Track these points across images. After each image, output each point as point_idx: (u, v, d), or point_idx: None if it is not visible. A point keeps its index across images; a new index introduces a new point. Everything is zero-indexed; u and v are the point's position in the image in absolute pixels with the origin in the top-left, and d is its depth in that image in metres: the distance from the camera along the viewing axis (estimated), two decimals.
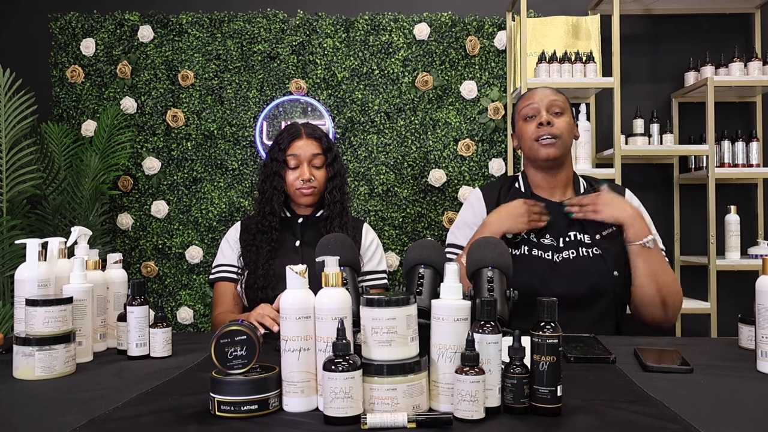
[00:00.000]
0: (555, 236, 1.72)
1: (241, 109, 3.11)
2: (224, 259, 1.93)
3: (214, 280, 1.92)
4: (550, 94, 1.77)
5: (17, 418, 0.98)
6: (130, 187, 3.14)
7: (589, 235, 1.71)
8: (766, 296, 1.18)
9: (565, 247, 1.70)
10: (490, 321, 0.96)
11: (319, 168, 1.90)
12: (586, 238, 1.71)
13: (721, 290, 2.82)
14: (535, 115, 1.75)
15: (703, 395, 1.06)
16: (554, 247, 1.71)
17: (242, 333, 0.98)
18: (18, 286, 1.31)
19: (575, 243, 1.70)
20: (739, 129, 3.02)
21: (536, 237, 1.72)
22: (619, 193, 1.80)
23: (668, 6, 3.09)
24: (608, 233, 1.70)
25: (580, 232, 1.72)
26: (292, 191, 1.89)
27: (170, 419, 0.95)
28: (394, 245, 3.09)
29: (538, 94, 1.77)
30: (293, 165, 1.88)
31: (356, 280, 1.29)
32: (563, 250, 1.70)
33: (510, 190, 1.84)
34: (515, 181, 1.86)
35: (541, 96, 1.76)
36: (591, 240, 1.70)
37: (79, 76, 3.14)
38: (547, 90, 1.79)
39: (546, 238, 1.72)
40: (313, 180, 1.86)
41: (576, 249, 1.70)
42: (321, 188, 1.90)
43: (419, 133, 3.09)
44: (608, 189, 1.78)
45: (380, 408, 0.92)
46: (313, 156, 1.88)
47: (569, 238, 1.71)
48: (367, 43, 3.09)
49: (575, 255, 1.69)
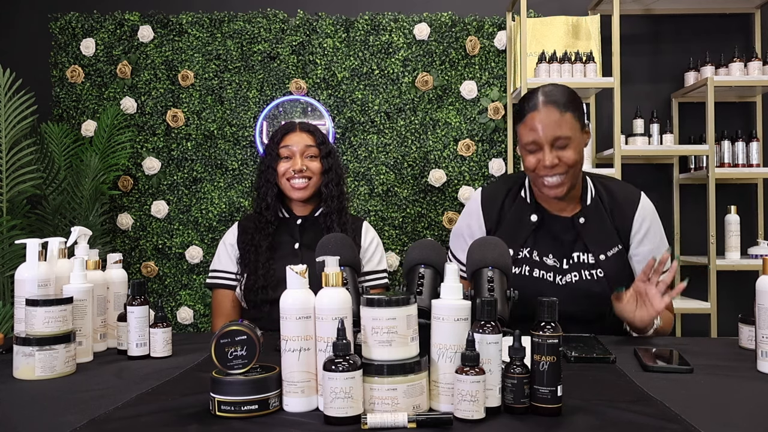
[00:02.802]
0: (559, 256, 1.62)
1: (241, 109, 3.11)
2: (221, 265, 1.92)
3: (211, 285, 1.92)
4: (554, 124, 1.52)
5: (17, 418, 0.98)
6: (130, 187, 3.14)
7: (593, 255, 1.60)
8: (766, 296, 1.18)
9: (569, 269, 1.60)
10: (491, 321, 0.96)
11: (312, 160, 1.88)
12: (590, 258, 1.61)
13: (721, 290, 2.82)
14: (536, 150, 1.55)
15: (703, 395, 1.06)
16: (557, 269, 1.61)
17: (242, 333, 0.98)
18: (18, 286, 1.31)
19: (578, 265, 1.61)
20: (739, 129, 3.02)
21: (539, 255, 1.62)
22: (633, 197, 1.65)
23: (668, 6, 3.09)
24: (613, 253, 1.61)
25: (584, 252, 1.61)
26: (284, 183, 1.87)
27: (170, 419, 0.95)
28: (394, 245, 3.09)
29: (541, 124, 1.53)
30: (286, 156, 1.87)
31: (356, 280, 1.29)
32: (567, 273, 1.60)
33: (515, 201, 1.69)
34: (521, 188, 1.70)
35: (545, 127, 1.52)
36: (595, 260, 1.60)
37: (79, 76, 3.14)
38: (553, 113, 1.53)
39: (549, 258, 1.62)
40: (305, 170, 1.85)
41: (579, 272, 1.60)
42: (316, 182, 1.88)
43: (419, 133, 3.09)
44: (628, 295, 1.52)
45: (380, 408, 0.92)
46: (306, 147, 1.87)
47: (573, 260, 1.61)
48: (367, 43, 3.09)
49: (578, 278, 1.60)
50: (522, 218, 1.66)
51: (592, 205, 1.64)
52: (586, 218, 1.62)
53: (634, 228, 1.63)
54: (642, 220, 1.63)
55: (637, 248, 1.63)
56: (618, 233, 1.63)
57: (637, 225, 1.63)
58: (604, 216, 1.62)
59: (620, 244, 1.62)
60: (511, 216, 1.67)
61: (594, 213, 1.63)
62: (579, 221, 1.62)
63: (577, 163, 1.56)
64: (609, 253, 1.60)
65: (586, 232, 1.61)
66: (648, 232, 1.63)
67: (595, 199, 1.65)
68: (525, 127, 1.56)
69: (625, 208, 1.64)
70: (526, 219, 1.65)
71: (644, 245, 1.63)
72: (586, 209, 1.64)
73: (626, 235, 1.63)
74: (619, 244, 1.62)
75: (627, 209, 1.64)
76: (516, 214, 1.67)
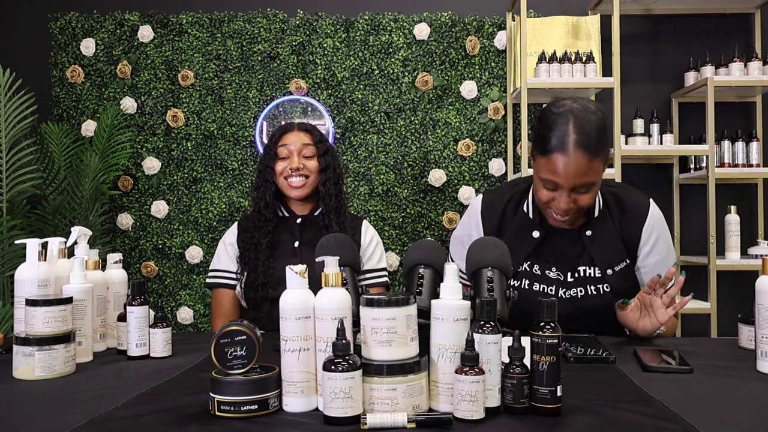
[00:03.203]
0: (563, 270, 1.56)
1: (241, 109, 3.11)
2: (220, 264, 1.92)
3: (211, 285, 1.92)
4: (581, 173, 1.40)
5: (17, 418, 0.98)
6: (130, 187, 3.14)
7: (600, 269, 1.55)
8: (766, 296, 1.18)
9: (574, 282, 1.56)
10: (490, 321, 0.96)
11: (309, 158, 1.89)
12: (596, 272, 1.55)
13: (721, 290, 2.82)
14: (553, 189, 1.46)
15: (703, 395, 1.06)
16: (560, 282, 1.56)
17: (242, 333, 0.98)
18: (18, 286, 1.31)
19: (584, 279, 1.55)
20: (739, 129, 3.02)
21: (540, 269, 1.57)
22: (642, 207, 1.59)
23: (668, 6, 3.09)
24: (621, 268, 1.55)
25: (590, 266, 1.55)
26: (282, 182, 1.87)
27: (170, 419, 0.95)
28: (394, 245, 3.09)
29: (567, 167, 1.40)
30: (283, 155, 1.88)
31: (356, 280, 1.29)
32: (571, 287, 1.56)
33: (516, 213, 1.62)
34: (522, 198, 1.63)
35: (571, 173, 1.41)
36: (602, 274, 1.55)
37: (79, 76, 3.14)
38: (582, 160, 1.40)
39: (552, 271, 1.57)
40: (302, 168, 1.85)
41: (584, 287, 1.55)
42: (313, 180, 1.88)
43: (419, 133, 3.09)
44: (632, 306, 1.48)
45: (380, 408, 0.92)
46: (303, 146, 1.88)
47: (578, 273, 1.56)
48: (367, 43, 3.09)
49: (583, 293, 1.55)
50: (524, 234, 1.59)
51: (600, 217, 1.57)
52: (593, 231, 1.56)
53: (643, 239, 1.58)
54: (651, 231, 1.58)
55: (645, 260, 1.59)
56: (625, 245, 1.58)
57: (646, 236, 1.58)
58: (612, 229, 1.57)
59: (627, 258, 1.57)
60: (512, 230, 1.60)
61: (601, 226, 1.57)
62: (586, 234, 1.56)
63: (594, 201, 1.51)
64: (616, 268, 1.55)
65: (593, 245, 1.55)
66: (656, 243, 1.58)
67: (603, 211, 1.58)
68: (547, 163, 1.43)
69: (634, 219, 1.59)
70: (527, 235, 1.59)
71: (652, 257, 1.58)
72: (593, 221, 1.57)
73: (634, 246, 1.58)
74: (627, 258, 1.57)
75: (636, 220, 1.59)
76: (517, 229, 1.60)
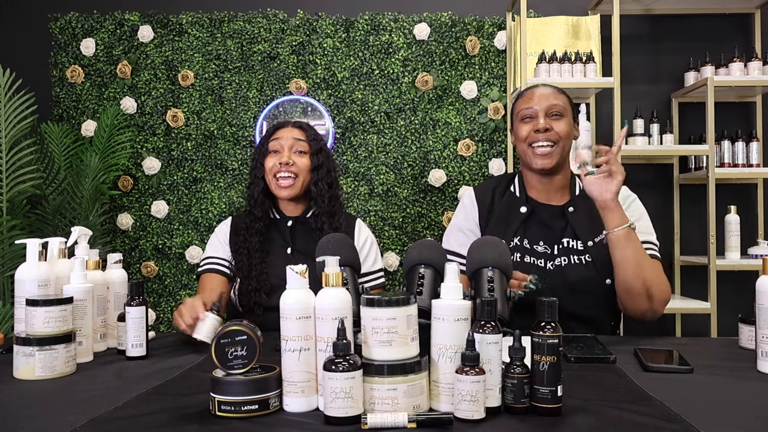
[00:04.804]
0: (549, 243, 1.66)
1: (241, 109, 3.11)
2: (213, 251, 1.84)
3: (201, 272, 1.82)
4: (550, 95, 1.68)
5: (17, 418, 0.98)
6: (130, 187, 3.14)
7: (582, 241, 1.65)
8: (766, 296, 1.18)
9: (558, 254, 1.64)
10: (491, 321, 0.96)
11: (301, 155, 1.80)
12: (578, 244, 1.65)
13: (721, 290, 2.82)
14: (532, 117, 1.66)
15: (703, 395, 1.06)
16: (547, 255, 1.65)
17: (243, 333, 0.98)
18: (18, 286, 1.31)
19: (567, 250, 1.65)
20: (739, 129, 3.02)
21: (530, 243, 1.66)
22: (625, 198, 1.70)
23: (668, 6, 3.09)
24: (600, 240, 1.62)
25: (573, 239, 1.66)
26: (271, 180, 1.79)
27: (170, 419, 0.95)
28: (394, 245, 3.09)
29: (537, 95, 1.68)
30: (275, 149, 1.81)
31: (356, 280, 1.29)
32: (556, 258, 1.64)
33: (505, 193, 1.76)
34: (510, 183, 1.78)
35: (541, 97, 1.67)
36: (583, 246, 1.64)
37: (79, 76, 3.14)
38: (548, 90, 1.69)
39: (540, 245, 1.66)
40: (291, 164, 1.77)
41: (567, 256, 1.64)
42: (303, 180, 1.80)
43: (419, 133, 3.09)
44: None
45: (380, 408, 0.92)
46: (295, 141, 1.80)
47: (562, 245, 1.65)
48: (367, 43, 3.09)
49: (567, 262, 1.64)
50: (512, 211, 1.72)
51: (581, 195, 1.70)
52: (575, 207, 1.68)
53: None
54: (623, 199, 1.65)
55: None
56: None
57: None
58: (592, 205, 1.62)
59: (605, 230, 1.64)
60: (501, 209, 1.73)
61: (582, 203, 1.68)
62: (568, 210, 1.68)
63: (568, 138, 1.67)
64: (596, 240, 1.64)
65: (575, 220, 1.67)
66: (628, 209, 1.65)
67: (583, 190, 1.68)
68: (522, 101, 1.70)
69: None
70: (515, 211, 1.71)
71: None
72: (575, 199, 1.70)
73: None
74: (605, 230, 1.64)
75: None
76: (505, 208, 1.73)
